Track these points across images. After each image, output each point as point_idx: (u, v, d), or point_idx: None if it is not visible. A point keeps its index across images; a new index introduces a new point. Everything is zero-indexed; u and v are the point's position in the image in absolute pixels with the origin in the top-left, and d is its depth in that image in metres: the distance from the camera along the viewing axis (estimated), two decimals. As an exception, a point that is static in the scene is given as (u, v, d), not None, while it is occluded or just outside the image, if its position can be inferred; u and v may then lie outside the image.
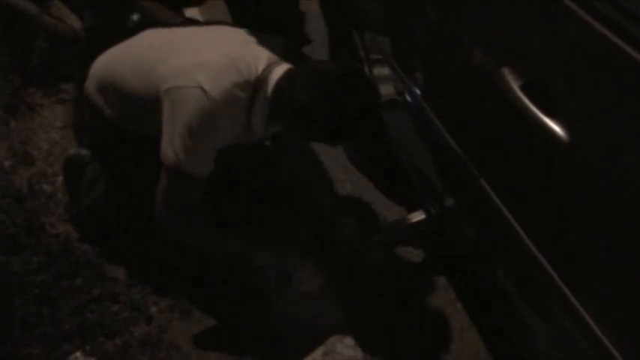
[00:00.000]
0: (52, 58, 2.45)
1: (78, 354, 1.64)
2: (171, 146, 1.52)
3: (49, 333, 1.65)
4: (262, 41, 1.66)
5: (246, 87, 1.54)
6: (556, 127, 1.21)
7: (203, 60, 1.56)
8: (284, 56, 1.64)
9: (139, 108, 1.65)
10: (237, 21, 2.25)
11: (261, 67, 1.57)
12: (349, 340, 1.74)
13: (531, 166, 1.33)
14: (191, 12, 2.63)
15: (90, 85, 1.76)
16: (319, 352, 1.69)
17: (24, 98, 2.42)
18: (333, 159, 2.35)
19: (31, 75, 2.47)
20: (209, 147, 1.55)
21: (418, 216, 1.94)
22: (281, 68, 1.58)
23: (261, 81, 1.55)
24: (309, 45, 2.72)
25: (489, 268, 1.65)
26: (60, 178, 2.09)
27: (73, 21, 2.47)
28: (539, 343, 1.47)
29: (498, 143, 1.45)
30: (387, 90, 2.02)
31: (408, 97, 1.86)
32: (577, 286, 1.22)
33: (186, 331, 1.73)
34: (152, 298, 1.80)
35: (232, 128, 1.57)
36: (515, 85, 1.29)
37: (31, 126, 2.33)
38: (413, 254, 2.04)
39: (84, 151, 1.98)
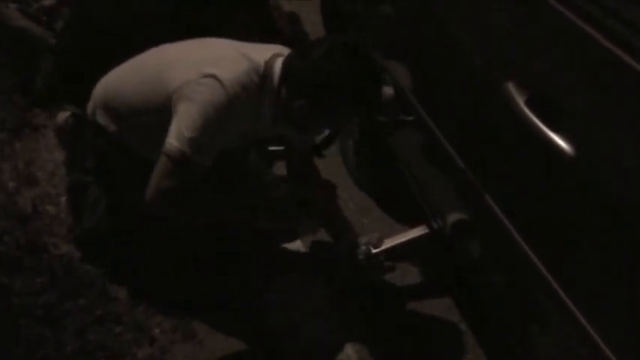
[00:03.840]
0: (56, 80, 2.46)
1: (80, 376, 1.63)
2: (177, 134, 1.52)
3: (52, 355, 1.64)
4: (262, 44, 1.73)
5: (257, 75, 1.58)
6: (561, 142, 1.21)
7: (212, 55, 1.60)
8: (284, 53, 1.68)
9: (146, 115, 1.66)
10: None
11: (267, 56, 1.61)
12: (353, 361, 1.74)
13: (536, 180, 1.33)
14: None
15: (93, 104, 1.78)
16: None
17: (28, 119, 2.43)
18: (337, 178, 2.35)
19: (36, 96, 2.49)
20: (218, 137, 1.56)
21: (421, 230, 1.93)
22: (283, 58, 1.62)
23: (268, 68, 1.59)
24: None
25: (494, 285, 1.64)
26: (64, 199, 2.09)
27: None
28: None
29: (503, 158, 1.45)
30: (392, 109, 2.03)
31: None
32: (585, 304, 1.21)
33: (188, 353, 1.72)
34: (155, 319, 1.79)
35: (243, 118, 1.59)
36: (520, 100, 1.29)
37: (36, 147, 2.33)
38: (417, 272, 2.03)
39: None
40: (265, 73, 1.59)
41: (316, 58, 1.54)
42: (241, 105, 1.56)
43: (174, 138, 1.52)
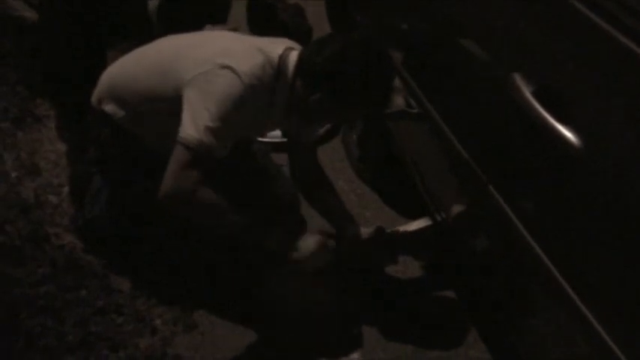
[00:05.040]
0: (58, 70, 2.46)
1: (82, 367, 1.63)
2: (193, 124, 1.52)
3: (53, 345, 1.64)
4: (272, 39, 1.73)
5: (272, 68, 1.59)
6: (568, 134, 1.20)
7: (227, 48, 1.61)
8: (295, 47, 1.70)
9: (155, 103, 1.67)
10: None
11: (279, 50, 1.62)
12: (355, 355, 1.73)
13: (542, 173, 1.32)
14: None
15: (99, 92, 1.78)
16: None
17: (31, 109, 2.43)
18: (339, 171, 2.34)
19: (38, 86, 2.48)
20: (233, 127, 1.56)
21: (424, 222, 1.92)
22: (296, 52, 1.64)
23: (282, 62, 1.60)
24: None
25: (497, 279, 1.63)
26: (66, 189, 2.09)
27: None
28: (549, 357, 1.45)
29: (508, 150, 1.44)
30: (396, 101, 2.02)
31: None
32: (591, 299, 1.21)
33: (190, 344, 1.72)
34: (157, 310, 1.79)
35: (257, 110, 1.60)
36: (526, 91, 1.28)
37: (38, 137, 2.33)
38: (419, 266, 2.03)
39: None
40: (280, 67, 1.60)
41: (333, 53, 1.56)
42: (255, 97, 1.57)
43: (191, 128, 1.52)
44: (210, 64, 1.56)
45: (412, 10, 1.93)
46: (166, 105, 1.64)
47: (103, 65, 1.89)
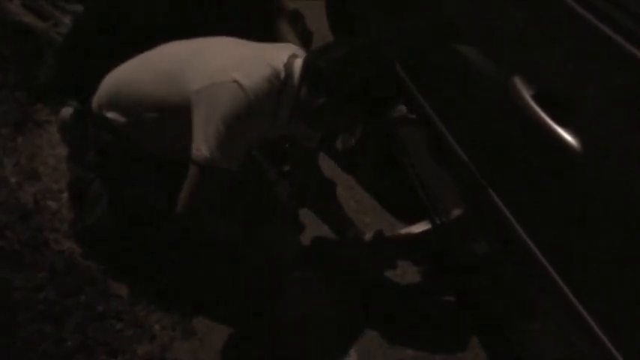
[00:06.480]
0: (59, 75, 2.46)
1: (80, 372, 1.63)
2: (205, 142, 1.53)
3: (52, 351, 1.64)
4: (277, 44, 1.75)
5: (277, 78, 1.59)
6: (568, 137, 1.19)
7: (233, 58, 1.61)
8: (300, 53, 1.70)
9: (159, 112, 1.67)
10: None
11: (284, 59, 1.62)
12: (353, 360, 1.73)
13: (542, 176, 1.32)
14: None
15: (100, 98, 1.78)
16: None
17: (31, 115, 2.43)
18: (338, 177, 2.34)
19: (38, 92, 2.48)
20: (242, 141, 1.58)
21: (423, 226, 1.92)
22: (301, 58, 1.64)
23: (288, 70, 1.61)
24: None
25: (496, 283, 1.63)
26: (65, 195, 2.09)
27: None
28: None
29: (508, 153, 1.44)
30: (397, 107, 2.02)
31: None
32: (591, 303, 1.20)
33: (188, 350, 1.72)
34: (155, 316, 1.79)
35: (263, 121, 1.61)
36: (527, 95, 1.28)
37: (38, 142, 2.33)
38: (417, 271, 2.02)
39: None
40: (286, 75, 1.61)
41: (337, 58, 1.57)
42: (261, 109, 1.57)
43: (203, 146, 1.54)
44: (216, 77, 1.56)
45: (411, 12, 1.93)
46: (170, 114, 1.64)
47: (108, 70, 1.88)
